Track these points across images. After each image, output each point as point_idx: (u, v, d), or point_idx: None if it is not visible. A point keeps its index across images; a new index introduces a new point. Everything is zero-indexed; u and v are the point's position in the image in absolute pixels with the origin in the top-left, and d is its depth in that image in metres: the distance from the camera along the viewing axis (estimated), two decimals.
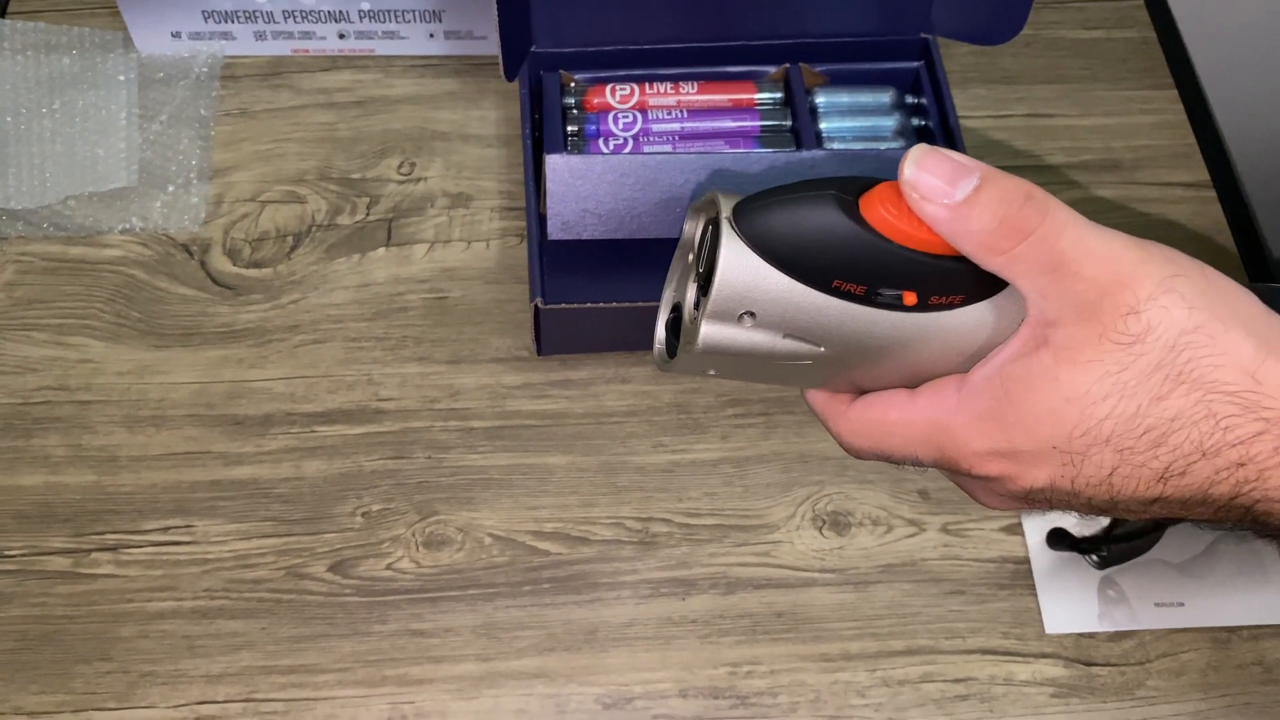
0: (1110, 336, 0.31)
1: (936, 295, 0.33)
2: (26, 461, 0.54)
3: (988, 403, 0.34)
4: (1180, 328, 0.31)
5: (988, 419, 0.34)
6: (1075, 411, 0.32)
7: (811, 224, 0.32)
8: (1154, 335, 0.31)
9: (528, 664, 0.50)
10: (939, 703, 0.50)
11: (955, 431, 0.34)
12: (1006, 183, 0.32)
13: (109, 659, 0.50)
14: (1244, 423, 0.31)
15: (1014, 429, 0.33)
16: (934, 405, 0.35)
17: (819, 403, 0.38)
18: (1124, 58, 0.68)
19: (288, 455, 0.54)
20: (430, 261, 0.60)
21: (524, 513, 0.53)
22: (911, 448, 0.36)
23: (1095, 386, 0.32)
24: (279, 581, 0.51)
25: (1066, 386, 0.32)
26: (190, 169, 0.62)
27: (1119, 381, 0.32)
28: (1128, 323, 0.31)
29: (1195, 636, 0.51)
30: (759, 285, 0.32)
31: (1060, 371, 0.32)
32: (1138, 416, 0.32)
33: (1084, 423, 0.32)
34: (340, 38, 0.65)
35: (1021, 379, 0.33)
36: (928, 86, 0.61)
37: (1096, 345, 0.32)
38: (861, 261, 0.32)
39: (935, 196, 0.31)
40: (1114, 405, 0.32)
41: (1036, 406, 0.33)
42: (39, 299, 0.58)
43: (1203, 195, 0.63)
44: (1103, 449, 0.32)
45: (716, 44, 0.61)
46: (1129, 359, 0.31)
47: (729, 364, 0.35)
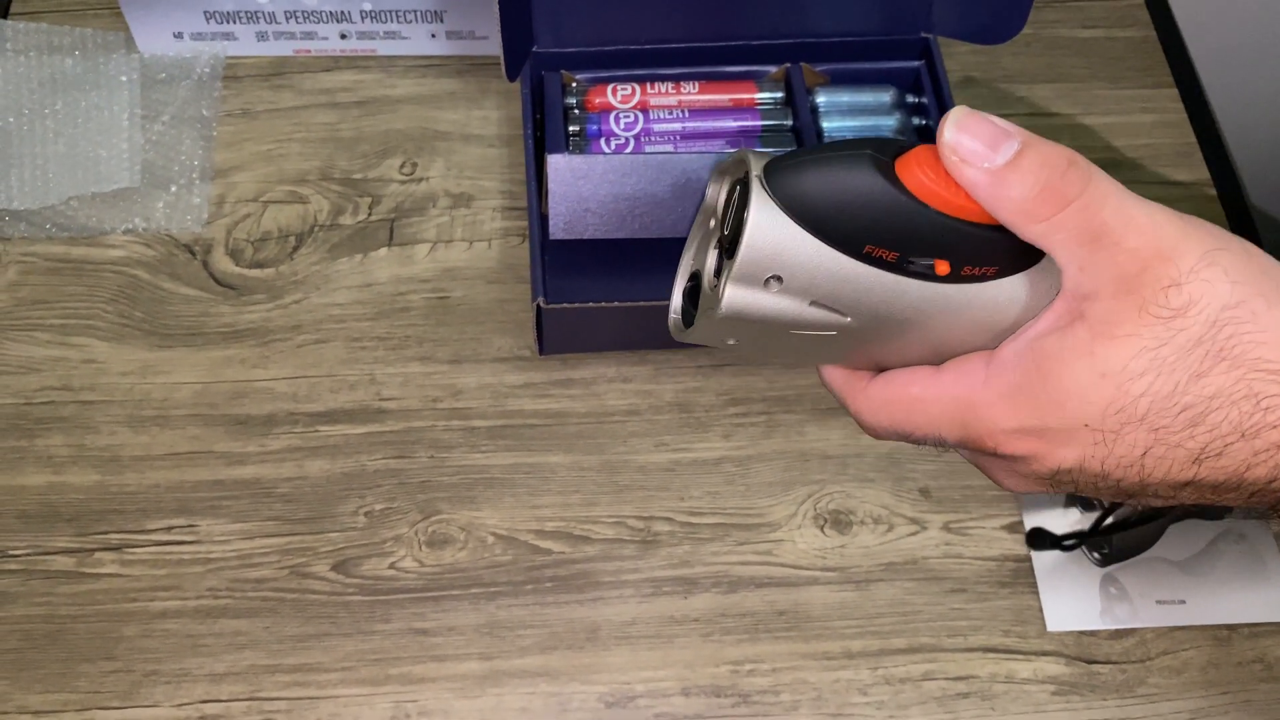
0: (1150, 310, 0.30)
1: (970, 265, 0.32)
2: (30, 461, 0.54)
3: (1017, 378, 0.33)
4: (1223, 302, 0.30)
5: (1017, 395, 0.33)
6: (1111, 388, 0.31)
7: (846, 185, 0.31)
8: (1196, 310, 0.30)
9: (530, 663, 0.50)
10: (940, 701, 0.50)
11: (982, 408, 0.33)
12: (1049, 148, 0.31)
13: (113, 658, 0.50)
14: None
15: (1045, 405, 0.32)
16: (960, 381, 0.34)
17: (837, 380, 0.37)
18: (1124, 56, 0.69)
19: (291, 455, 0.54)
20: (432, 261, 0.60)
21: (526, 512, 0.53)
22: (935, 426, 0.35)
23: (1133, 362, 0.31)
24: (282, 581, 0.52)
25: (1102, 362, 0.31)
26: (193, 169, 0.62)
27: (1157, 357, 0.30)
28: (1169, 296, 0.30)
29: (1196, 634, 0.51)
30: (788, 248, 0.31)
31: (1096, 346, 0.31)
32: (1175, 394, 0.30)
33: (1119, 400, 0.31)
34: (342, 38, 0.66)
35: (1054, 354, 0.32)
36: (928, 86, 0.61)
37: (1135, 319, 0.31)
38: (896, 226, 0.31)
39: (975, 160, 0.30)
40: (1151, 382, 0.31)
41: (1069, 382, 0.31)
42: (42, 299, 0.58)
43: (1203, 194, 0.64)
44: (1137, 428, 0.31)
45: (717, 44, 0.61)
46: (1169, 334, 0.30)
47: (750, 333, 0.34)
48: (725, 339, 0.35)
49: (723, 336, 0.34)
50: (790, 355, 0.36)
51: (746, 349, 0.35)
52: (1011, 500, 0.54)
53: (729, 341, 0.35)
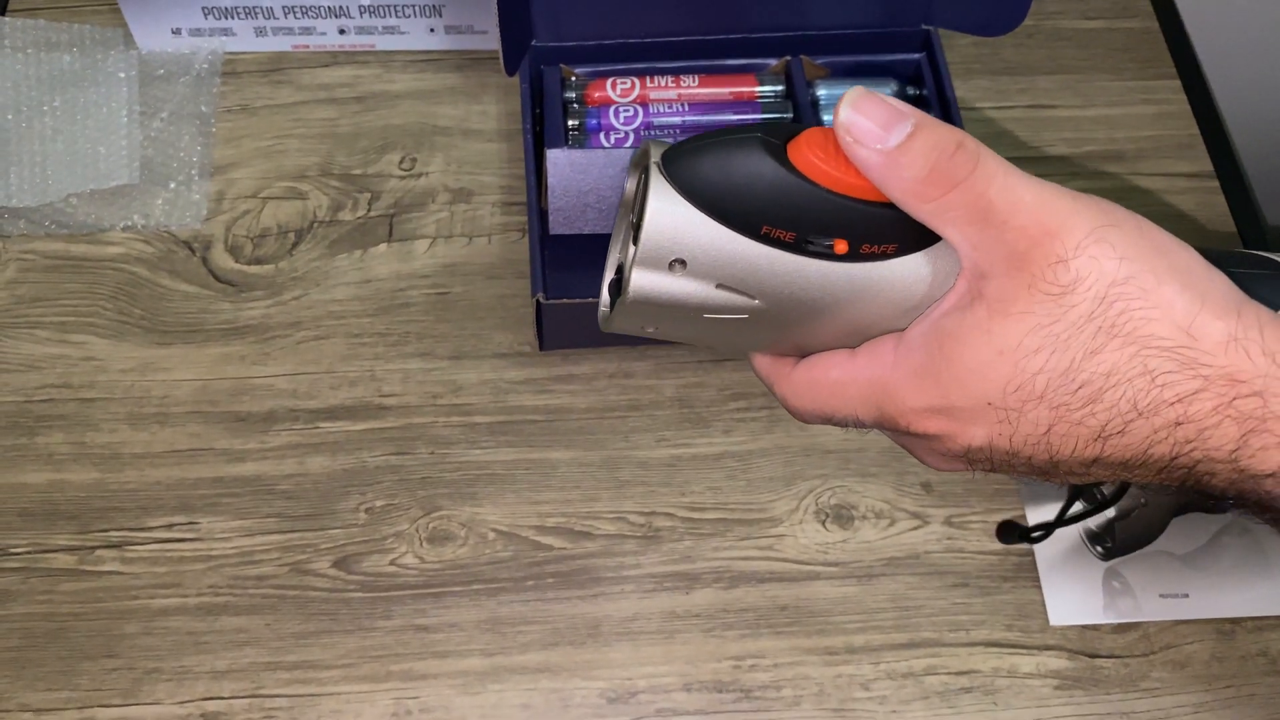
0: (1040, 287, 0.31)
1: (868, 244, 0.33)
2: (30, 459, 0.54)
3: (922, 358, 0.33)
4: (1110, 279, 0.31)
5: (923, 375, 0.33)
6: (1008, 365, 0.31)
7: (739, 168, 0.32)
8: (1084, 286, 0.31)
9: (532, 659, 0.50)
10: (943, 695, 0.50)
11: (893, 389, 0.34)
12: (940, 130, 0.31)
13: (114, 655, 0.50)
14: (1181, 380, 0.30)
15: (949, 384, 0.33)
16: (872, 363, 0.35)
17: (764, 366, 0.38)
18: (1126, 48, 0.68)
19: (291, 451, 0.54)
20: (432, 257, 0.60)
21: (527, 508, 0.53)
22: (852, 407, 0.36)
23: (1027, 339, 0.31)
24: (283, 577, 0.52)
25: (999, 339, 0.32)
26: (192, 166, 0.62)
27: (1050, 334, 0.31)
28: (1056, 272, 0.31)
29: (1199, 628, 0.51)
30: (687, 231, 0.32)
31: (993, 324, 0.32)
32: (1071, 371, 0.31)
33: (1017, 377, 0.31)
34: (340, 33, 0.65)
35: (954, 333, 0.33)
36: (929, 78, 0.61)
37: (1027, 296, 0.31)
38: (790, 207, 0.32)
39: (869, 141, 0.31)
40: (1046, 359, 0.31)
41: (969, 360, 0.32)
42: (42, 297, 0.58)
43: (1206, 185, 0.63)
44: (1037, 405, 0.32)
45: (717, 37, 0.60)
46: (1059, 310, 0.31)
47: (665, 318, 0.34)
48: (644, 326, 0.35)
49: (641, 324, 0.35)
50: (711, 341, 0.36)
51: (668, 336, 0.35)
52: (1013, 494, 0.54)
53: (648, 329, 0.35)
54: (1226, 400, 0.30)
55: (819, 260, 0.33)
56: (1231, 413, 0.30)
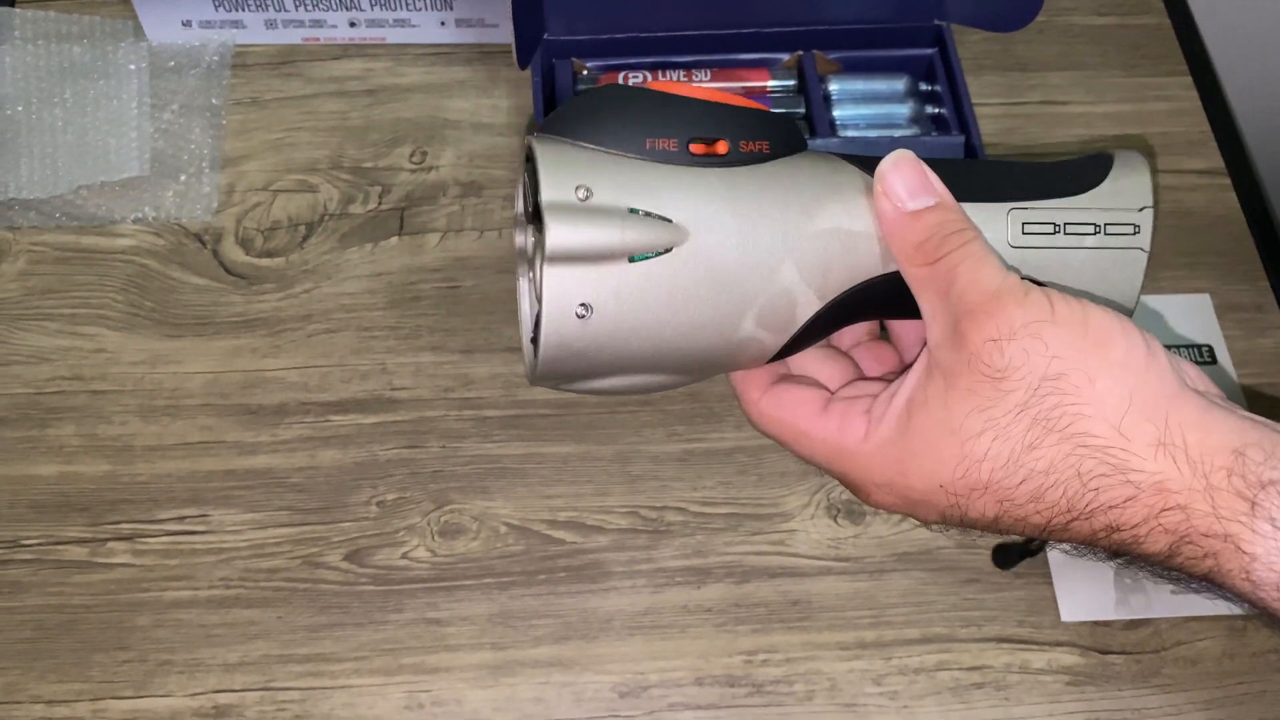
0: (977, 366, 0.32)
1: (745, 140, 0.35)
2: (42, 451, 0.54)
3: (889, 432, 0.35)
4: (1042, 373, 0.32)
5: (888, 449, 0.35)
6: (956, 446, 0.33)
7: (608, 100, 0.35)
8: (1017, 375, 0.32)
9: (544, 652, 0.50)
10: (954, 691, 0.50)
11: (860, 459, 0.36)
12: (951, 214, 0.34)
13: (126, 648, 0.50)
14: (1112, 485, 0.31)
15: (908, 460, 0.34)
16: (844, 431, 0.36)
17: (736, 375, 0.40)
18: (1138, 44, 0.68)
19: (302, 445, 0.54)
20: (443, 251, 0.60)
21: (539, 502, 0.53)
22: (815, 459, 0.38)
23: (969, 420, 0.32)
24: (295, 570, 0.52)
25: (950, 415, 0.33)
26: (202, 158, 0.62)
27: (990, 418, 0.32)
28: (990, 352, 0.32)
29: (1211, 624, 0.51)
30: (579, 160, 0.34)
31: (947, 397, 0.33)
32: (1013, 464, 0.32)
33: (964, 461, 0.33)
34: (351, 26, 0.65)
35: (918, 404, 0.34)
36: (941, 74, 0.61)
37: (968, 373, 0.32)
38: (664, 116, 0.34)
39: (892, 197, 0.35)
40: (989, 445, 0.32)
41: (926, 434, 0.34)
42: (52, 289, 0.58)
43: (1218, 182, 0.63)
44: (983, 496, 0.33)
45: (729, 31, 0.60)
46: (996, 395, 0.32)
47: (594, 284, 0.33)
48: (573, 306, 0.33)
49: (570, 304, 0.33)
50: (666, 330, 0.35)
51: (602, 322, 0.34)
52: None
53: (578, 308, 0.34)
54: (1155, 511, 0.31)
55: (708, 166, 0.35)
56: (1161, 523, 0.31)
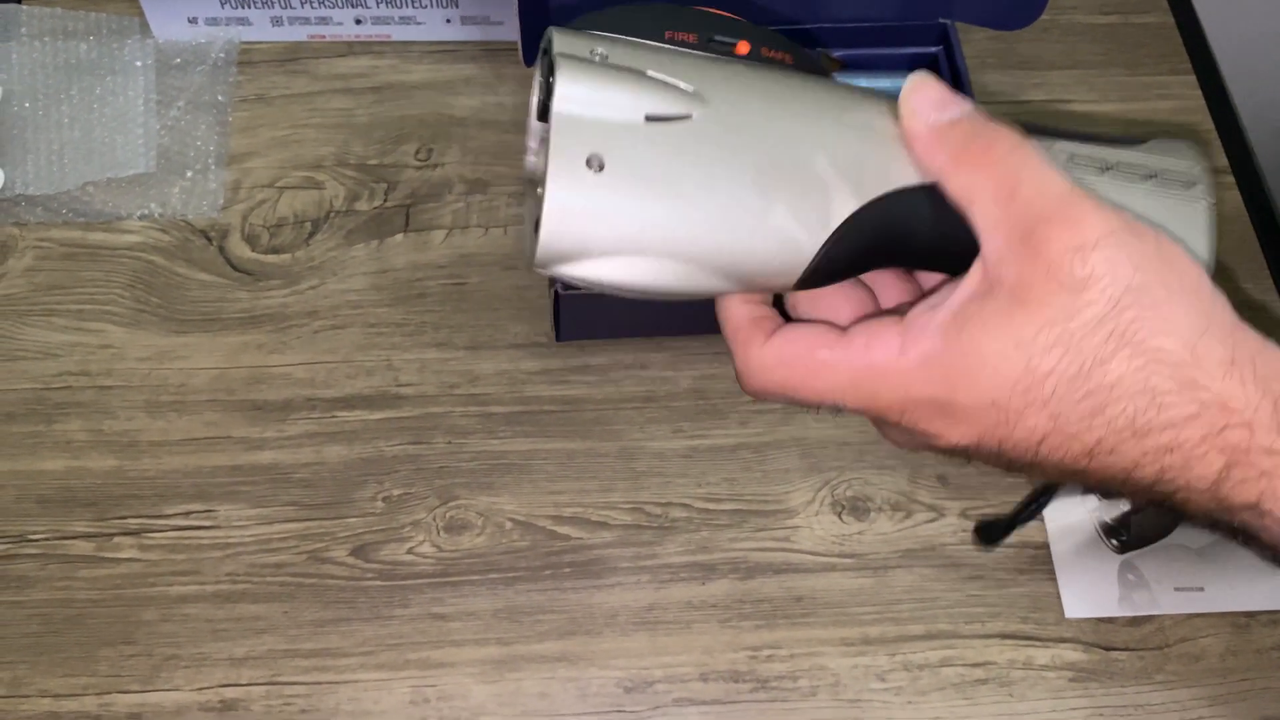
0: (1056, 276, 0.31)
1: (766, 48, 0.35)
2: (48, 446, 0.54)
3: (936, 344, 0.32)
4: (1125, 283, 0.31)
5: (932, 363, 0.32)
6: (1021, 361, 0.31)
7: (624, 6, 0.34)
8: (1099, 286, 0.31)
9: (549, 648, 0.50)
10: (958, 687, 0.50)
11: (894, 376, 0.33)
12: (986, 119, 0.33)
13: (132, 642, 0.50)
14: (1179, 402, 0.30)
15: (957, 376, 0.32)
16: (873, 347, 0.33)
17: (736, 318, 0.36)
18: (1142, 43, 0.68)
19: (308, 440, 0.54)
20: (448, 247, 0.60)
21: (544, 497, 0.53)
22: (839, 392, 0.34)
23: (1042, 334, 0.31)
24: (301, 566, 0.52)
25: (1017, 329, 0.31)
26: (208, 155, 0.62)
27: (1065, 332, 0.31)
28: (1073, 262, 0.31)
29: (1214, 621, 0.51)
30: (597, 38, 0.33)
31: (1013, 312, 0.31)
32: (1080, 378, 0.31)
33: (1027, 377, 0.31)
34: (357, 23, 0.65)
35: (974, 319, 0.32)
36: (946, 72, 0.61)
37: (1044, 284, 0.31)
38: (681, 16, 0.34)
39: (922, 113, 0.33)
40: (1058, 360, 0.31)
41: (986, 349, 0.31)
42: (59, 284, 0.58)
43: (1221, 181, 0.63)
44: (1039, 412, 0.31)
45: None
46: (1074, 307, 0.31)
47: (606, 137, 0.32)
48: (582, 154, 0.32)
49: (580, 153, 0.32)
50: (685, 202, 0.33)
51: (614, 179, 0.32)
52: (1028, 487, 0.54)
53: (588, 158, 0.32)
54: (1216, 430, 0.31)
55: (727, 59, 0.34)
56: (1219, 443, 0.31)
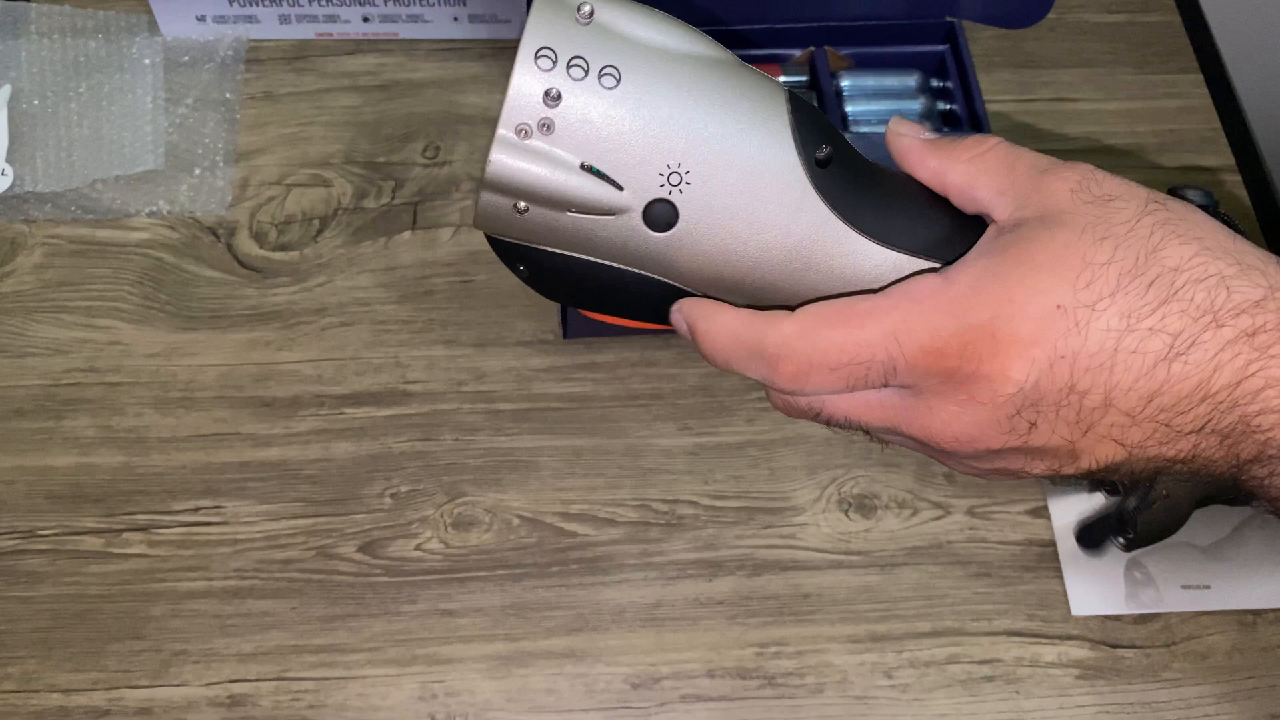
0: (1081, 195, 0.31)
1: None
2: (57, 442, 0.54)
3: (983, 266, 0.31)
4: (1145, 195, 0.31)
5: (986, 281, 0.31)
6: (1077, 256, 0.30)
7: None
8: (1123, 197, 0.31)
9: (556, 644, 0.50)
10: (965, 684, 0.50)
11: (945, 304, 0.31)
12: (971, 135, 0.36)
13: (141, 638, 0.50)
14: (1245, 285, 0.29)
15: (1016, 284, 0.30)
16: (914, 287, 0.32)
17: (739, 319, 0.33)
18: (1148, 41, 0.68)
19: (316, 437, 0.55)
20: (456, 245, 0.60)
21: (551, 494, 0.54)
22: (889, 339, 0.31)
23: (1087, 233, 0.30)
24: (309, 562, 0.52)
25: (1062, 234, 0.30)
26: (216, 152, 0.62)
27: (1109, 229, 0.30)
28: (1089, 185, 0.32)
29: (1221, 619, 0.51)
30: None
31: (1052, 225, 0.31)
32: (1140, 267, 0.30)
33: (1088, 271, 0.30)
34: (364, 21, 0.66)
35: (1015, 239, 0.31)
36: (953, 70, 0.61)
37: (1070, 201, 0.31)
38: None
39: (911, 133, 0.35)
40: (1112, 252, 0.30)
41: (1037, 256, 0.30)
42: (67, 281, 0.59)
43: (1228, 180, 0.63)
44: (1109, 306, 0.29)
45: (742, 27, 0.61)
46: (1109, 211, 0.31)
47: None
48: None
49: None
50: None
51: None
52: (1035, 484, 0.54)
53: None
54: None
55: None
56: None
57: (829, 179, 0.32)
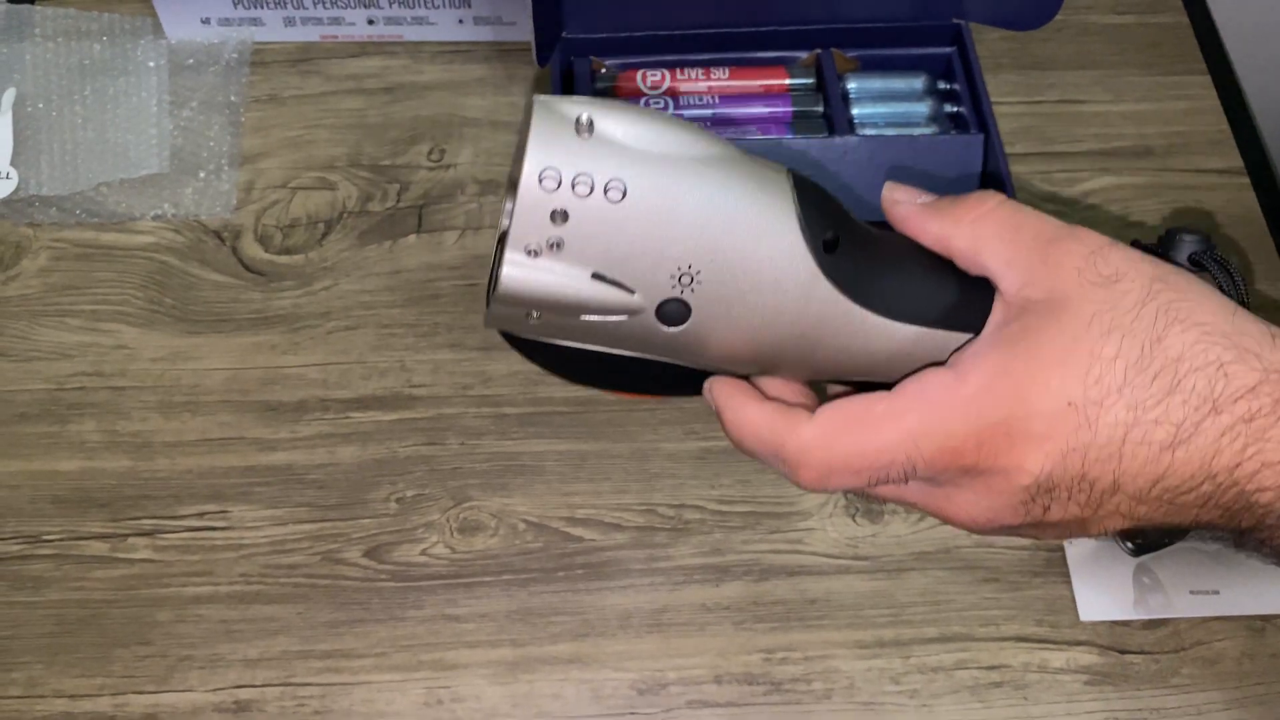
0: (1086, 276, 0.32)
1: None
2: (63, 447, 0.54)
3: (994, 364, 0.32)
4: (1150, 273, 0.32)
5: (998, 381, 0.32)
6: (1084, 352, 0.31)
7: None
8: (1128, 277, 0.32)
9: (562, 649, 0.50)
10: (973, 690, 0.50)
11: (960, 407, 0.32)
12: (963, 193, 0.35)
13: (147, 643, 0.50)
14: (1242, 371, 0.31)
15: (1028, 385, 0.31)
16: (928, 388, 0.32)
17: (764, 415, 0.34)
18: (1156, 43, 0.68)
19: (322, 441, 0.54)
20: (461, 249, 0.60)
21: (557, 499, 0.53)
22: (908, 443, 0.32)
23: (1094, 324, 0.31)
24: (315, 567, 0.52)
25: (1069, 326, 0.31)
26: (221, 155, 0.62)
27: (1115, 317, 0.31)
28: (1095, 263, 0.32)
29: (1230, 625, 0.51)
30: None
31: (1059, 314, 0.31)
32: (1145, 359, 0.31)
33: (1096, 363, 0.31)
34: (369, 23, 0.65)
35: (1023, 332, 0.32)
36: (960, 72, 0.61)
37: (1076, 285, 0.32)
38: None
39: (907, 199, 0.35)
40: (1119, 344, 0.31)
41: (1046, 353, 0.31)
42: (72, 285, 0.59)
43: (1237, 182, 0.63)
44: (1117, 403, 0.31)
45: (748, 29, 0.60)
46: (1113, 296, 0.31)
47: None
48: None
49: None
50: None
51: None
52: None
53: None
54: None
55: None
56: None
57: (837, 262, 0.33)
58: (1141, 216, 0.61)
